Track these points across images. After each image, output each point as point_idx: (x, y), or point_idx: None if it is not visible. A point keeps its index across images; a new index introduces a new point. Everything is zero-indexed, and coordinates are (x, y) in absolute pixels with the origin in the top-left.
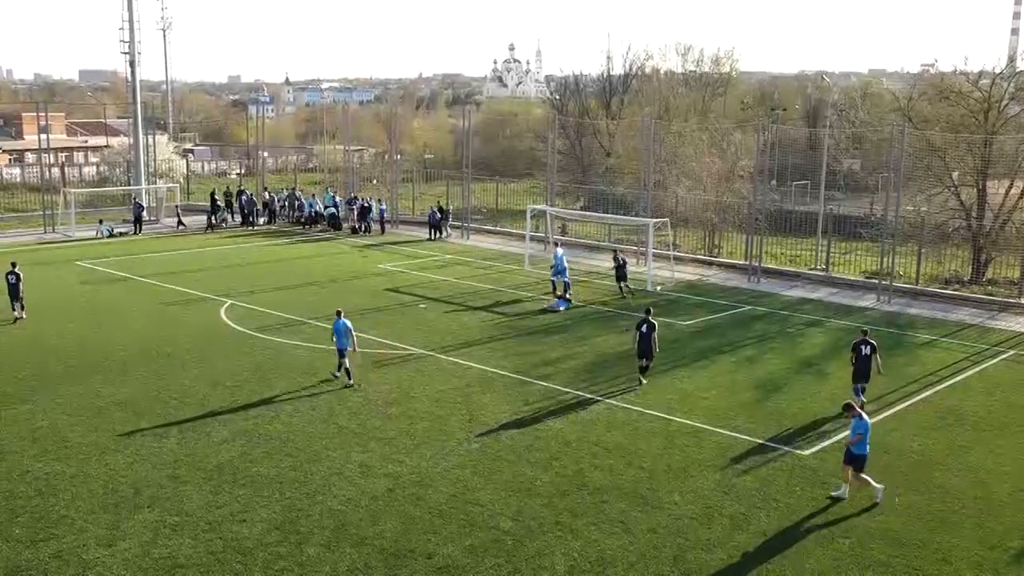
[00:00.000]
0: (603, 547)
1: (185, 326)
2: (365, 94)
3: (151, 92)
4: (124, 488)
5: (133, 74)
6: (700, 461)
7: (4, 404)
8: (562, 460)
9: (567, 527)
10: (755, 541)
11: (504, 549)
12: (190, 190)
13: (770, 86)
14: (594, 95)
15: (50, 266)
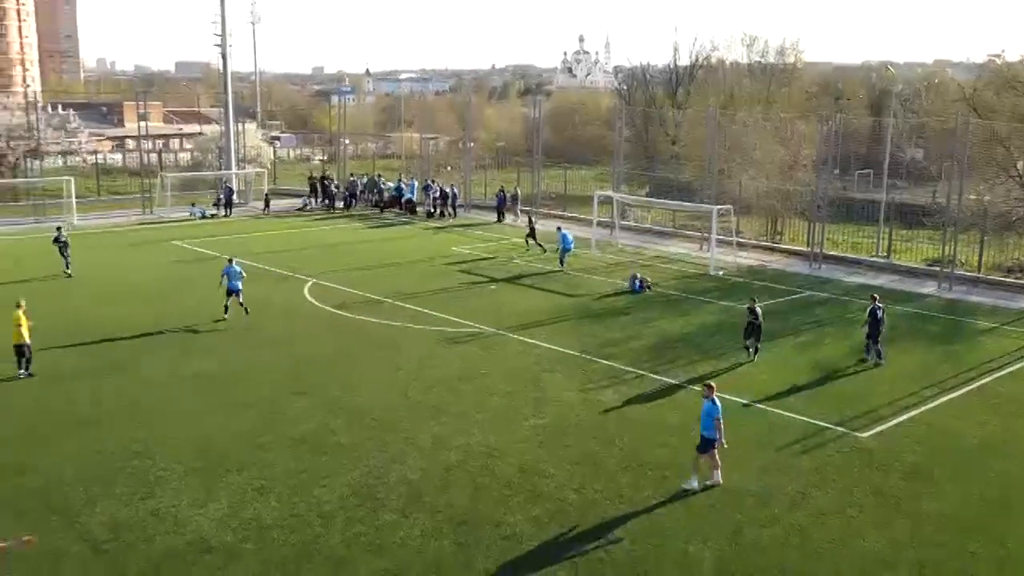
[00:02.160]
0: (663, 520)
1: (270, 303)
2: (441, 84)
3: (241, 83)
4: (214, 453)
5: (225, 66)
6: (758, 440)
7: (103, 373)
8: (624, 437)
9: (628, 500)
10: (811, 520)
11: (568, 520)
12: (277, 175)
13: (834, 76)
14: (660, 85)
15: (147, 245)
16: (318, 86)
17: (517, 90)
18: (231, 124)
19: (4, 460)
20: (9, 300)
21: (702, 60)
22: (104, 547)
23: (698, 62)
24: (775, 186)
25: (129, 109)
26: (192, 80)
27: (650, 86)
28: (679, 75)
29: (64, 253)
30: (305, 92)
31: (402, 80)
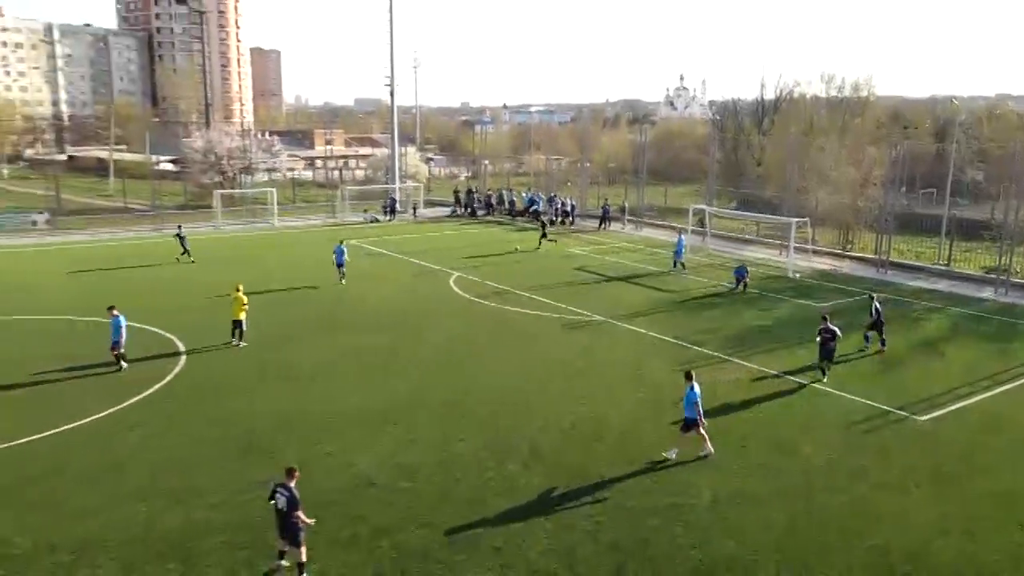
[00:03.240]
0: (743, 484)
1: (423, 292)
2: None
3: (404, 114)
4: (376, 410)
5: (392, 101)
6: (828, 420)
7: (298, 343)
8: (713, 413)
9: (714, 465)
10: (873, 492)
11: (661, 478)
12: (431, 189)
13: (903, 108)
14: (748, 116)
15: (329, 243)
16: (464, 117)
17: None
18: (396, 147)
19: (218, 409)
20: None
21: (785, 94)
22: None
23: (782, 96)
24: (847, 202)
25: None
26: (367, 113)
27: (739, 116)
28: (765, 107)
29: (184, 244)
30: (454, 122)
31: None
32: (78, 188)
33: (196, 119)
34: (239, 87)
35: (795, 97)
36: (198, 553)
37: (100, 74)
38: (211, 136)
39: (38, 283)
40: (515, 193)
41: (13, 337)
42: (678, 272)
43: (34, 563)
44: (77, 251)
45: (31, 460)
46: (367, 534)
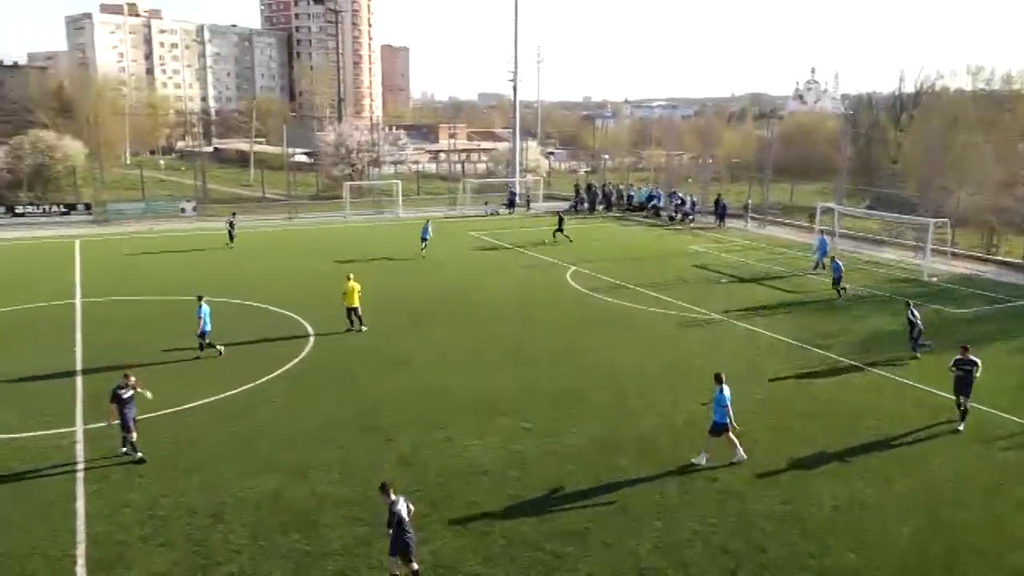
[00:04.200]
0: (865, 494)
1: (539, 284)
2: (686, 110)
3: (526, 109)
4: (491, 398)
5: (515, 96)
6: (962, 433)
7: (417, 329)
8: (834, 418)
9: (834, 473)
10: (1008, 509)
11: (778, 483)
12: (550, 182)
13: None
14: (884, 110)
15: (450, 234)
16: (585, 112)
17: (752, 115)
18: (518, 142)
19: (342, 390)
20: (368, 269)
21: (927, 87)
22: (409, 461)
23: (922, 89)
24: (992, 203)
25: (443, 130)
26: (490, 107)
27: (874, 111)
28: (903, 101)
29: (231, 233)
30: (575, 116)
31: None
32: (222, 178)
33: (329, 114)
34: (369, 83)
35: (937, 90)
36: (320, 526)
37: (244, 71)
38: (342, 130)
39: (185, 265)
40: (634, 188)
41: (168, 315)
42: (818, 273)
43: (174, 524)
44: (221, 237)
45: (181, 428)
46: (478, 520)
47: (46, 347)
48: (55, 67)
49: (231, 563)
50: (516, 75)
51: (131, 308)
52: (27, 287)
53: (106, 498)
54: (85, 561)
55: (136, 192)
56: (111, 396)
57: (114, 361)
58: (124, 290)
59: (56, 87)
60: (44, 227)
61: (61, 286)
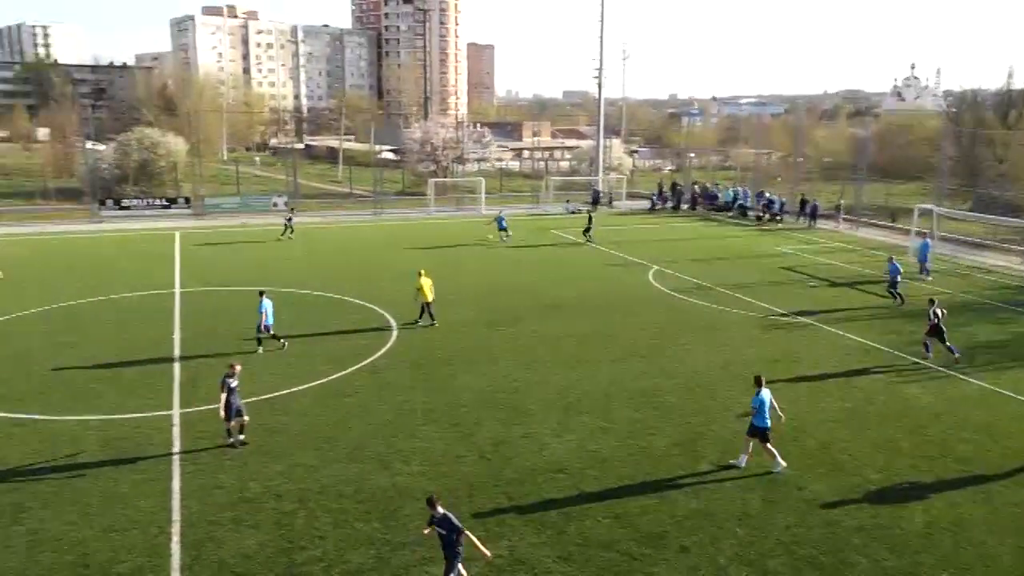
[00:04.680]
0: (962, 512)
1: (620, 284)
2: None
3: (611, 107)
4: (570, 397)
5: (600, 94)
6: None
7: (489, 325)
8: (929, 429)
9: (929, 488)
10: None
11: (868, 496)
12: (634, 181)
13: None
14: (991, 108)
15: (530, 231)
16: (671, 109)
17: (846, 112)
18: (601, 140)
19: (424, 383)
20: (449, 265)
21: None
22: (487, 456)
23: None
24: None
25: (526, 127)
26: (574, 105)
27: (980, 108)
28: (1012, 98)
29: (288, 225)
30: (660, 114)
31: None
32: (312, 174)
33: (416, 111)
34: (455, 81)
35: None
36: (399, 515)
37: (335, 70)
38: (428, 127)
39: (275, 258)
40: (720, 187)
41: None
42: (922, 279)
43: (262, 508)
44: (312, 232)
45: (269, 415)
46: (555, 518)
47: (147, 333)
48: (160, 67)
49: (315, 548)
50: (601, 72)
51: (226, 298)
52: (131, 276)
53: (199, 480)
54: (180, 538)
55: (232, 187)
56: (220, 385)
57: (209, 350)
58: (219, 280)
59: (161, 86)
60: (147, 219)
61: (161, 276)
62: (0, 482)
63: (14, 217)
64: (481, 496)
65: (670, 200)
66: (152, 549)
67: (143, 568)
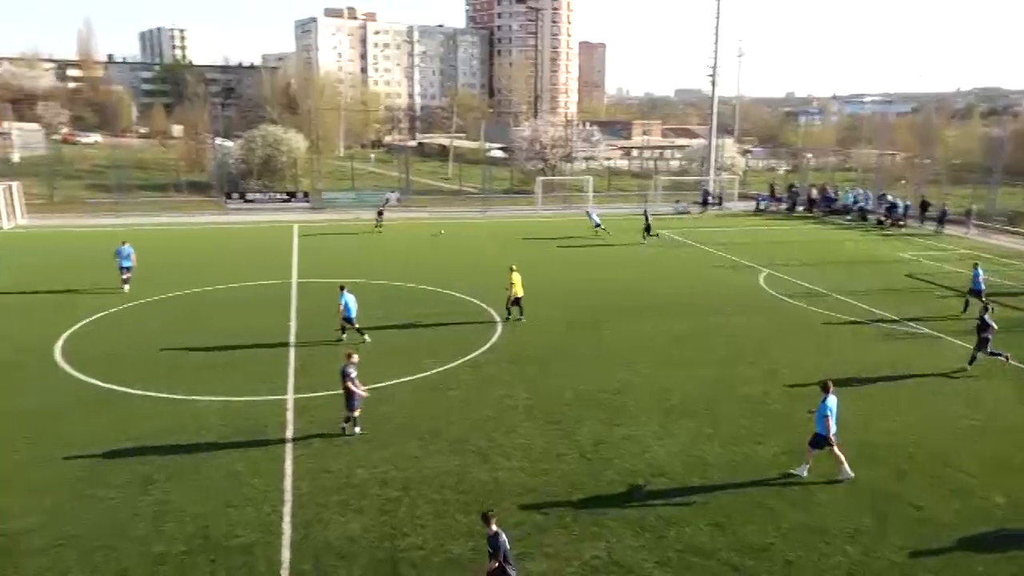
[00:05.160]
0: None
1: (727, 286)
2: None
3: (724, 105)
4: (673, 399)
5: (713, 92)
6: None
7: (593, 324)
8: None
9: None
10: None
11: (993, 520)
12: (746, 181)
13: None
14: None
15: (640, 231)
16: (788, 108)
17: (980, 112)
18: (714, 139)
19: (525, 379)
20: (555, 263)
21: None
22: (588, 456)
23: None
24: None
25: (636, 126)
26: (686, 103)
27: None
28: None
29: (380, 216)
30: (776, 113)
31: (865, 102)
32: (423, 171)
33: (525, 110)
34: (566, 79)
35: None
36: (498, 509)
37: (448, 69)
38: (537, 126)
39: (386, 251)
40: (838, 189)
41: (372, 299)
42: None
43: (367, 494)
44: (422, 227)
45: (376, 404)
46: (654, 522)
47: (265, 321)
48: (284, 67)
49: (416, 535)
50: (715, 70)
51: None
52: (252, 266)
53: (309, 463)
54: (290, 518)
55: (347, 182)
56: (344, 376)
57: (322, 339)
58: (333, 272)
59: (284, 86)
60: (269, 212)
61: (280, 266)
62: (132, 455)
63: (150, 208)
64: (580, 495)
65: (784, 201)
66: (265, 526)
67: (256, 543)
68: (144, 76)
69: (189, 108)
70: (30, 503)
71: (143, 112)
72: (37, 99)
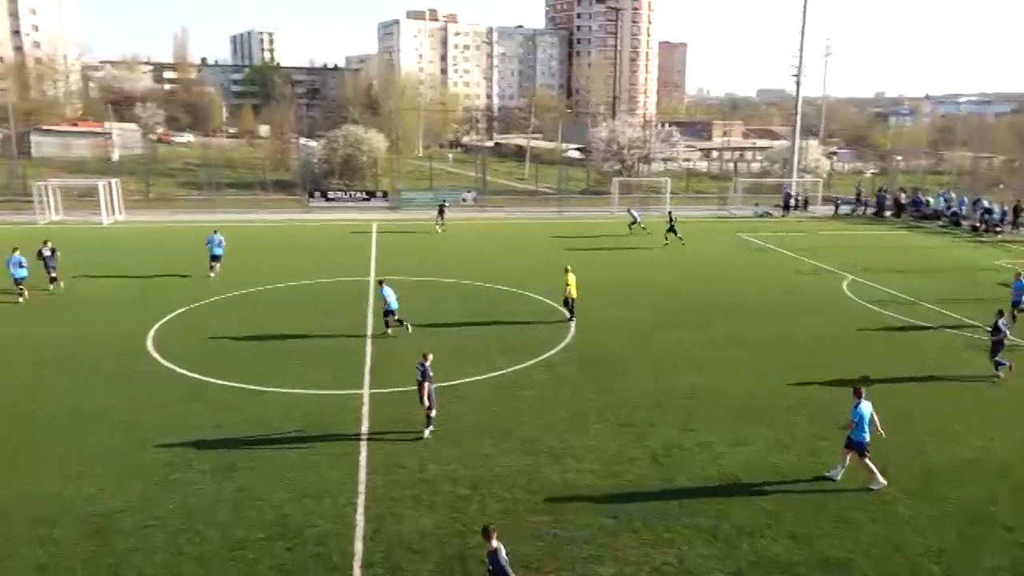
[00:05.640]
0: None
1: (808, 291)
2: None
3: (808, 106)
4: (749, 406)
5: (798, 92)
6: None
7: (668, 327)
8: None
9: None
10: None
11: None
12: (830, 184)
13: None
14: None
15: (716, 234)
16: (877, 109)
17: None
18: (797, 140)
19: (599, 381)
20: (629, 265)
21: None
22: (660, 461)
23: None
24: None
25: (716, 127)
26: (769, 104)
27: None
28: None
29: (442, 215)
30: (864, 113)
31: (960, 103)
32: (499, 171)
33: (603, 110)
34: (645, 79)
35: None
36: (568, 511)
37: (526, 70)
38: (615, 126)
39: (461, 251)
40: (929, 193)
41: (449, 297)
42: None
43: (438, 490)
44: (499, 227)
45: (450, 401)
46: (728, 531)
47: (344, 317)
48: (366, 69)
49: None
50: (800, 69)
51: (414, 287)
52: (332, 263)
53: (383, 457)
54: (364, 510)
55: (425, 182)
56: (421, 374)
57: (398, 336)
58: (410, 270)
59: (366, 87)
60: (349, 210)
61: (358, 263)
62: (216, 443)
63: (237, 205)
64: (652, 501)
65: (870, 206)
66: (339, 517)
67: (330, 534)
68: (234, 78)
69: (276, 108)
70: (123, 485)
71: (233, 113)
72: (136, 101)
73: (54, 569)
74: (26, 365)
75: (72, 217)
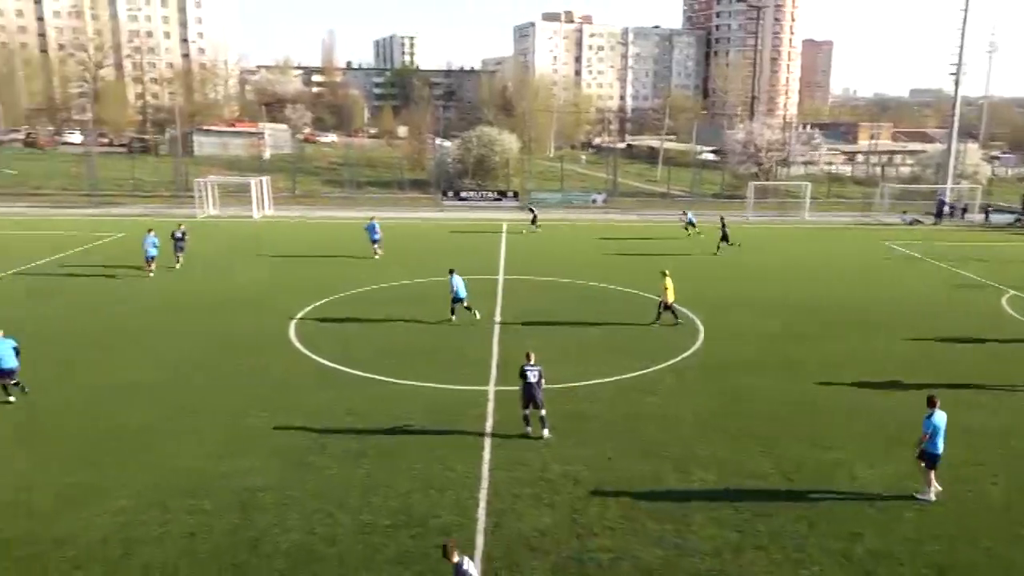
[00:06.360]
0: None
1: (961, 306)
2: None
3: (968, 106)
4: (890, 425)
5: (956, 91)
6: None
7: (799, 338)
8: None
9: None
10: None
11: None
12: (991, 191)
13: None
14: None
15: (858, 242)
16: None
17: None
18: (954, 144)
19: (724, 389)
20: (757, 274)
21: None
22: (790, 476)
23: None
24: None
25: (863, 129)
26: (922, 104)
27: None
28: None
29: (534, 219)
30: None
31: None
32: (630, 173)
33: (740, 111)
34: (786, 80)
35: None
36: (690, 521)
37: (662, 70)
38: (752, 128)
39: (583, 251)
40: None
41: (573, 298)
42: None
43: (559, 490)
44: (631, 229)
45: (574, 402)
46: (862, 555)
47: (473, 314)
48: (502, 71)
49: (604, 537)
50: (960, 67)
51: (540, 287)
52: (463, 261)
53: (506, 453)
54: (486, 505)
55: (556, 183)
56: (536, 376)
57: (524, 335)
58: (538, 270)
59: (501, 88)
60: (480, 210)
61: (488, 262)
62: (349, 430)
63: (376, 203)
64: (780, 518)
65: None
66: (462, 510)
67: (452, 525)
68: (376, 81)
69: (414, 110)
70: (266, 465)
71: (374, 114)
72: (286, 102)
73: (202, 537)
74: (187, 339)
75: (227, 211)
